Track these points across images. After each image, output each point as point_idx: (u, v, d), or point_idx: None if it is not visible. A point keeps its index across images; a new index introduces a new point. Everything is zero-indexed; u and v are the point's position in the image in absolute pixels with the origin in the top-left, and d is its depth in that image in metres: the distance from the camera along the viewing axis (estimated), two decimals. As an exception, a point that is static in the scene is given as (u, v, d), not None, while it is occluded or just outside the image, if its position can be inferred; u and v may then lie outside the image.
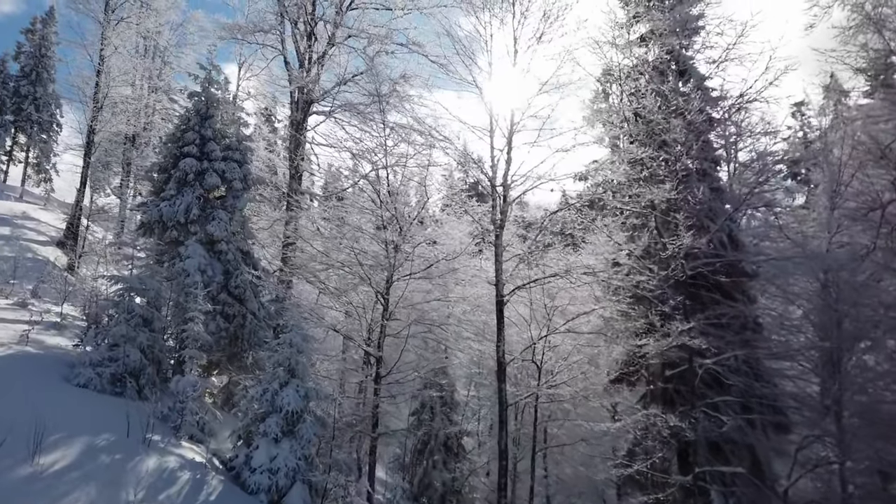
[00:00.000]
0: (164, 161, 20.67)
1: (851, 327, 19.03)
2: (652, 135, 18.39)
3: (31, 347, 15.41)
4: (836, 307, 18.94)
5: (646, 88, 19.27)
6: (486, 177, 17.77)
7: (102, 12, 30.27)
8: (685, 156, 17.65)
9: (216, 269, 19.21)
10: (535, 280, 16.97)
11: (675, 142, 17.22)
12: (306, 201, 23.62)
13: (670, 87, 19.10)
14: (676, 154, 17.16)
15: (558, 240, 18.94)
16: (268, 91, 31.45)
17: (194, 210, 19.45)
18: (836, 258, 18.52)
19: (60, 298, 22.31)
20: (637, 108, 18.43)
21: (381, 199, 17.96)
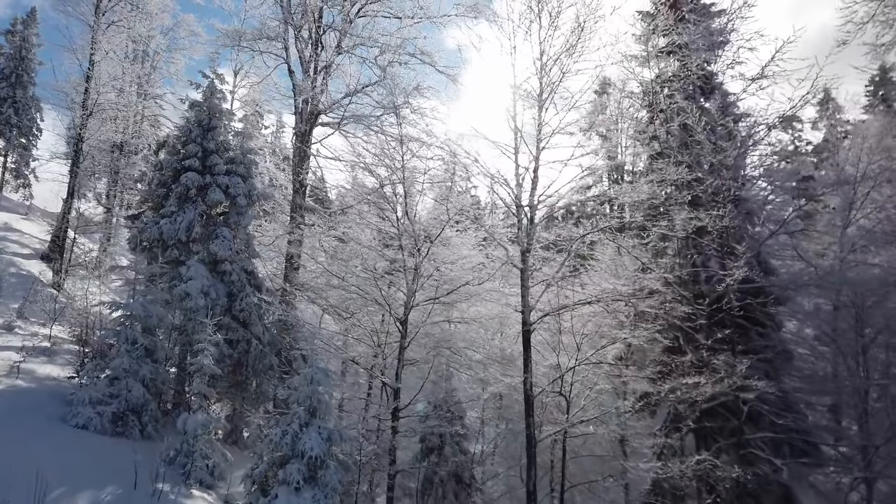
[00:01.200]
0: (163, 175, 19.44)
1: (881, 354, 18.43)
2: (678, 154, 17.55)
3: (21, 381, 14.17)
4: (861, 333, 18.32)
5: (668, 105, 18.50)
6: (512, 196, 16.80)
7: (92, 15, 28.89)
8: (717, 176, 16.83)
9: (219, 291, 18.01)
10: (563, 307, 16.01)
11: (701, 162, 16.40)
12: (311, 217, 22.42)
13: (696, 104, 18.36)
14: (704, 174, 16.32)
15: (578, 262, 18.01)
16: (266, 99, 30.15)
17: (196, 228, 18.27)
18: (864, 281, 17.86)
19: (48, 319, 20.96)
20: (666, 127, 17.57)
21: (398, 218, 16.87)
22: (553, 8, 16.99)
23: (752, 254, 16.85)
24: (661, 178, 16.36)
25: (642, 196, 16.17)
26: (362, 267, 17.54)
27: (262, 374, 18.26)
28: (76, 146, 28.38)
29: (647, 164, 17.84)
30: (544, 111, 16.75)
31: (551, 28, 16.54)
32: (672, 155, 17.09)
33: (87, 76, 28.55)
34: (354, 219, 21.08)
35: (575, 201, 16.56)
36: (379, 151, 18.23)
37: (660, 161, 17.69)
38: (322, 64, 22.97)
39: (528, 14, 17.38)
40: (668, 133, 17.69)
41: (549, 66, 16.83)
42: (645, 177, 16.69)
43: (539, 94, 16.99)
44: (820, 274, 18.04)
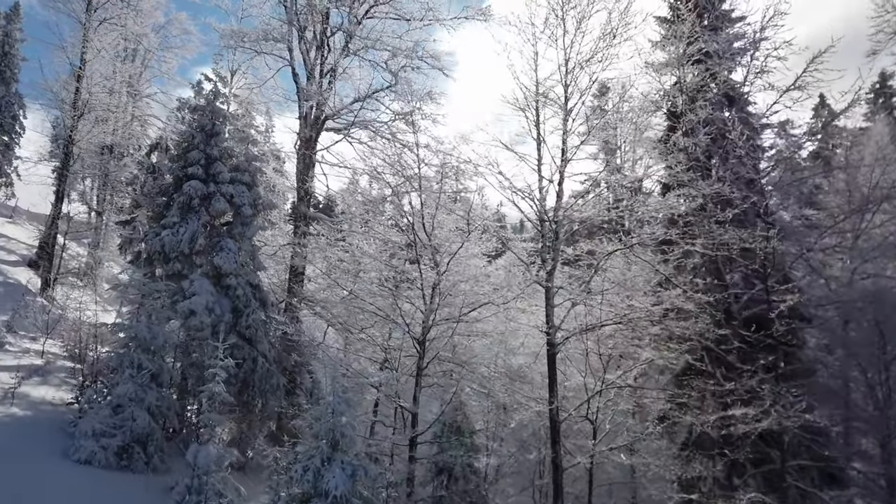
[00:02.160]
0: (163, 181, 18.45)
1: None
2: (710, 168, 16.86)
3: (17, 408, 13.17)
4: (884, 349, 17.72)
5: (694, 115, 17.79)
6: (536, 211, 16.00)
7: (84, 12, 27.74)
8: (756, 193, 16.12)
9: (224, 307, 17.05)
10: (591, 326, 15.23)
11: (741, 178, 15.68)
12: (317, 226, 21.52)
13: (718, 115, 17.69)
14: (743, 190, 15.60)
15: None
16: (263, 101, 29.08)
17: (200, 240, 17.30)
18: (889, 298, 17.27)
19: (40, 331, 19.94)
20: (696, 140, 16.83)
21: (415, 231, 16.02)
22: (579, 13, 16.26)
23: (782, 273, 16.21)
24: (694, 193, 15.61)
25: (673, 211, 15.44)
26: (378, 283, 16.60)
27: (269, 393, 17.31)
28: (66, 148, 27.21)
29: (667, 176, 16.93)
30: (571, 120, 16.01)
31: (578, 34, 15.75)
32: (703, 168, 16.37)
33: (78, 75, 27.38)
34: (364, 230, 20.27)
35: (604, 216, 15.69)
36: (393, 160, 17.32)
37: (677, 172, 16.95)
38: (328, 67, 22.03)
39: (552, 18, 16.66)
40: (696, 145, 16.97)
41: (577, 74, 16.10)
42: (674, 190, 15.89)
43: (564, 102, 16.24)
44: (840, 289, 17.46)
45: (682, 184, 15.64)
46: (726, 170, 15.93)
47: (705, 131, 17.72)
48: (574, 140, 16.10)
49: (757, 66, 18.01)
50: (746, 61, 18.36)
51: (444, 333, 16.39)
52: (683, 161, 16.37)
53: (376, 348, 19.27)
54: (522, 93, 16.70)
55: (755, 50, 16.97)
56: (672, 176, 16.20)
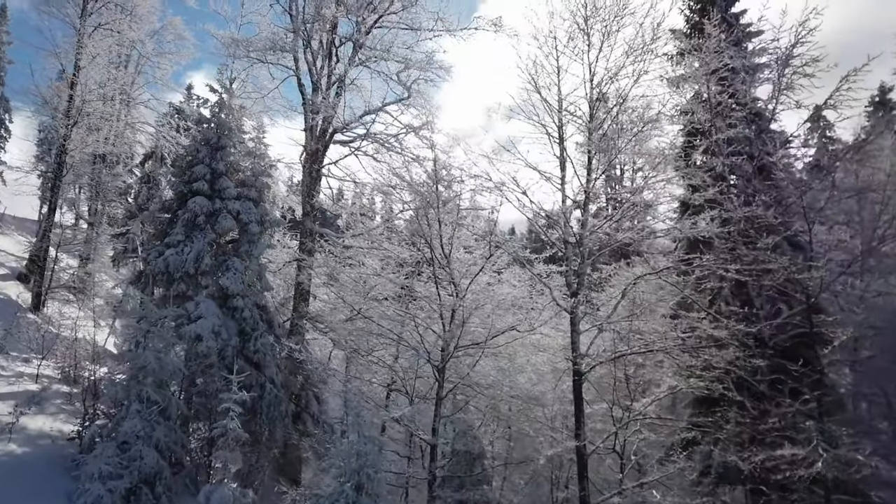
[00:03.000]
0: (167, 198, 17.64)
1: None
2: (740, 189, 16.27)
3: (14, 443, 12.30)
4: None
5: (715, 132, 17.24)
6: (560, 232, 15.34)
7: (78, 17, 26.79)
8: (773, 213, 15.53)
9: (231, 330, 16.25)
10: (620, 354, 14.55)
11: (782, 201, 15.10)
12: (323, 243, 20.77)
13: (744, 133, 17.16)
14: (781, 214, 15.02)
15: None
16: (262, 110, 28.28)
17: (206, 259, 16.48)
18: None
19: (32, 352, 18.99)
20: (727, 160, 16.26)
21: (434, 252, 15.32)
22: (605, 27, 15.69)
23: (815, 298, 15.61)
24: (727, 216, 15.00)
25: (704, 234, 14.82)
26: (395, 306, 15.86)
27: (277, 421, 16.49)
28: (59, 158, 26.19)
29: (690, 196, 16.28)
30: (598, 137, 15.40)
31: (606, 47, 15.17)
32: (734, 189, 15.79)
33: (72, 82, 26.42)
34: (375, 248, 19.56)
35: (632, 237, 15.05)
36: (407, 175, 16.63)
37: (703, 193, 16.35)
38: (336, 78, 21.29)
39: (576, 32, 16.09)
40: (726, 166, 16.39)
41: (603, 89, 15.51)
42: (704, 212, 15.23)
43: (589, 118, 15.65)
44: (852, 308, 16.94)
45: (712, 205, 14.99)
46: (760, 191, 15.38)
47: (730, 149, 17.20)
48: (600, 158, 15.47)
49: (783, 83, 17.52)
50: (773, 78, 17.87)
51: (462, 359, 15.71)
52: (709, 181, 15.78)
53: (384, 371, 18.62)
54: (546, 109, 16.18)
55: (785, 67, 16.44)
56: (698, 196, 15.60)
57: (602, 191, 35.91)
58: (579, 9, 16.09)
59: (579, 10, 16.07)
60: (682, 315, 15.64)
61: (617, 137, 14.84)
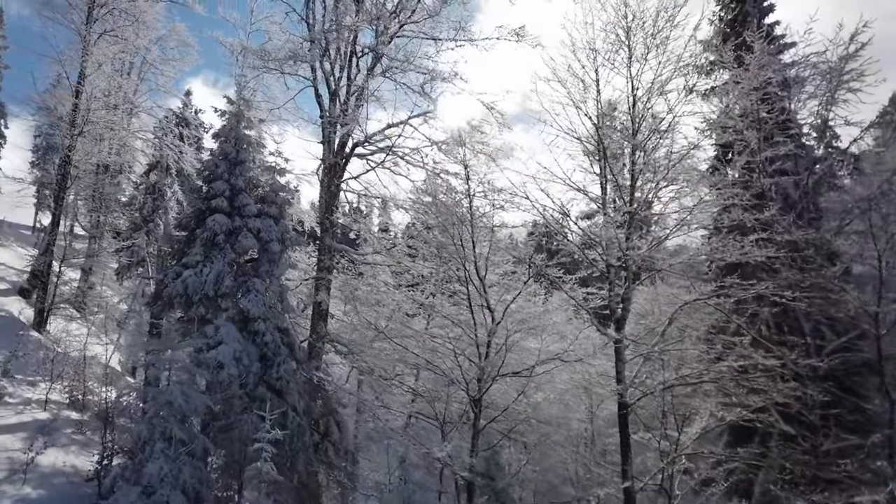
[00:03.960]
0: (185, 217, 16.78)
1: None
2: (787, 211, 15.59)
3: (29, 485, 11.45)
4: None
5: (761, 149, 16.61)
6: (601, 253, 14.58)
7: (84, 24, 25.93)
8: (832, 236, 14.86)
9: (252, 356, 15.38)
10: (670, 384, 13.76)
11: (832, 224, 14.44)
12: (342, 260, 20.00)
13: (789, 150, 16.54)
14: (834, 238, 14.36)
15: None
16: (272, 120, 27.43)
17: (227, 281, 15.63)
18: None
19: (39, 374, 18.14)
20: (771, 180, 15.59)
21: (468, 275, 14.55)
22: (649, 39, 14.98)
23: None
24: (770, 237, 14.26)
25: (750, 258, 14.07)
26: (427, 334, 15.07)
27: (300, 452, 15.63)
28: (63, 169, 25.28)
29: (728, 217, 15.50)
30: (642, 154, 14.65)
31: (656, 57, 14.44)
32: (781, 211, 15.09)
33: (77, 91, 25.54)
34: (396, 265, 18.80)
35: (684, 260, 14.28)
36: (435, 191, 15.88)
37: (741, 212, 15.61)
38: (355, 88, 20.50)
39: (616, 42, 15.38)
40: (772, 187, 15.71)
41: (650, 102, 14.79)
42: (752, 234, 14.46)
43: (632, 134, 14.91)
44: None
45: (765, 226, 14.25)
46: (810, 213, 14.70)
47: (775, 167, 16.54)
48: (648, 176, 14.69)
49: (833, 99, 16.91)
50: (818, 93, 17.25)
51: (498, 388, 14.95)
52: (749, 199, 15.01)
53: (406, 395, 17.88)
54: (584, 124, 15.48)
55: (837, 83, 15.80)
56: (744, 216, 14.87)
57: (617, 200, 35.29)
58: (620, 19, 15.40)
59: (620, 20, 15.37)
60: (728, 342, 14.95)
61: (668, 160, 13.99)
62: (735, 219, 14.59)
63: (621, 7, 15.22)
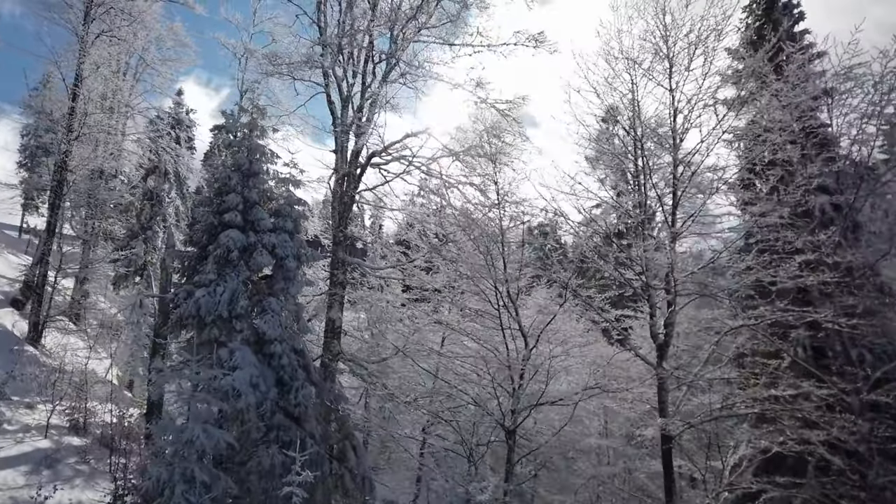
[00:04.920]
0: (195, 232, 15.82)
1: None
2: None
3: (36, 532, 10.49)
4: None
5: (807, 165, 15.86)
6: (640, 273, 13.83)
7: (81, 24, 24.87)
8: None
9: (268, 381, 14.47)
10: (716, 416, 13.01)
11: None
12: (355, 275, 19.14)
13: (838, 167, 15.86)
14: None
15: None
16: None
17: (242, 301, 14.72)
18: None
19: (36, 394, 17.18)
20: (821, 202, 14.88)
21: (501, 299, 13.74)
22: (691, 46, 14.28)
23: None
24: (818, 261, 13.56)
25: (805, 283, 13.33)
26: (452, 354, 14.25)
27: (318, 483, 14.73)
28: (59, 175, 24.20)
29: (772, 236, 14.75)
30: (685, 170, 13.91)
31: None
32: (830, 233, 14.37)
33: (74, 93, 24.49)
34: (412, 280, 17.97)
35: (736, 283, 13.50)
36: (464, 209, 15.07)
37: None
38: (370, 95, 19.62)
39: (655, 52, 14.69)
40: (819, 206, 15.01)
41: (690, 116, 14.08)
42: (797, 256, 13.73)
43: (673, 147, 14.17)
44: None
45: (815, 247, 13.52)
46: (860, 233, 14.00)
47: (816, 185, 15.87)
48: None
49: (879, 112, 16.20)
50: (862, 105, 16.52)
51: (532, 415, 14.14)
52: (787, 219, 14.30)
53: (425, 416, 17.07)
54: (620, 139, 14.74)
55: (887, 95, 15.09)
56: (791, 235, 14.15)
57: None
58: (657, 27, 14.70)
59: (657, 27, 14.67)
60: (770, 368, 14.25)
61: (715, 175, 13.25)
62: (778, 238, 13.87)
63: (660, 15, 14.54)
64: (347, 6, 19.87)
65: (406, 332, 16.90)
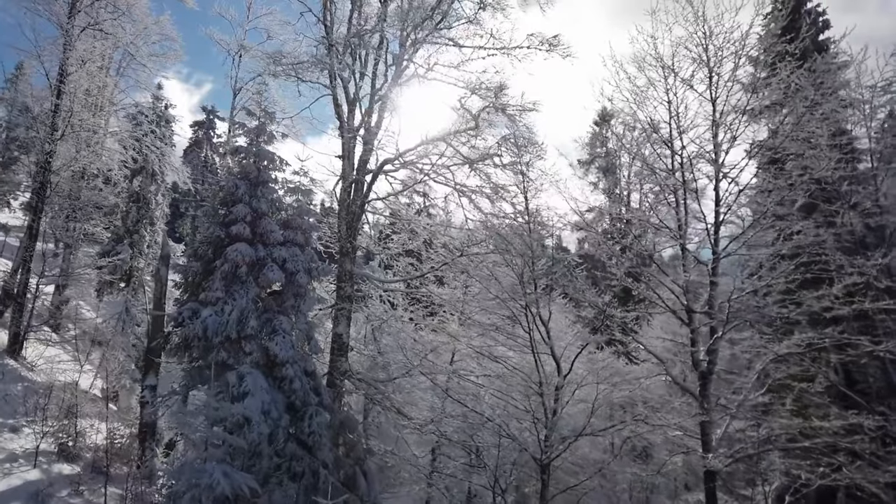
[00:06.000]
0: (199, 244, 14.71)
1: None
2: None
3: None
4: None
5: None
6: (681, 298, 13.04)
7: (67, 17, 23.47)
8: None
9: (279, 407, 13.46)
10: (765, 448, 12.26)
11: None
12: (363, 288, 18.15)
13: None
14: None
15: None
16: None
17: (252, 321, 13.68)
18: None
19: (20, 415, 15.95)
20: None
21: (533, 324, 12.87)
22: (732, 55, 13.56)
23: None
24: (866, 284, 12.88)
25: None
26: (495, 390, 13.34)
27: (334, 514, 13.76)
28: (42, 176, 22.76)
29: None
30: (731, 185, 13.14)
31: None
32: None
33: (59, 90, 23.08)
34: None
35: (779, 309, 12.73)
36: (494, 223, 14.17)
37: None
38: (379, 98, 18.63)
39: (694, 60, 13.94)
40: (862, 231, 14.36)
41: (733, 126, 13.34)
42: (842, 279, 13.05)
43: (714, 159, 13.39)
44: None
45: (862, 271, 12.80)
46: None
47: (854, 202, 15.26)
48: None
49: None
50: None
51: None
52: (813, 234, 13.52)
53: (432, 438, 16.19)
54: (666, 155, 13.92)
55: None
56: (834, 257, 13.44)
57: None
58: (694, 35, 13.94)
59: (695, 35, 13.91)
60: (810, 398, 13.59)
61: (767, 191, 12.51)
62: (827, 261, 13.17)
63: (700, 23, 13.78)
64: (357, 4, 18.86)
65: (420, 350, 15.86)
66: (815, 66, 14.84)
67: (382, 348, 18.02)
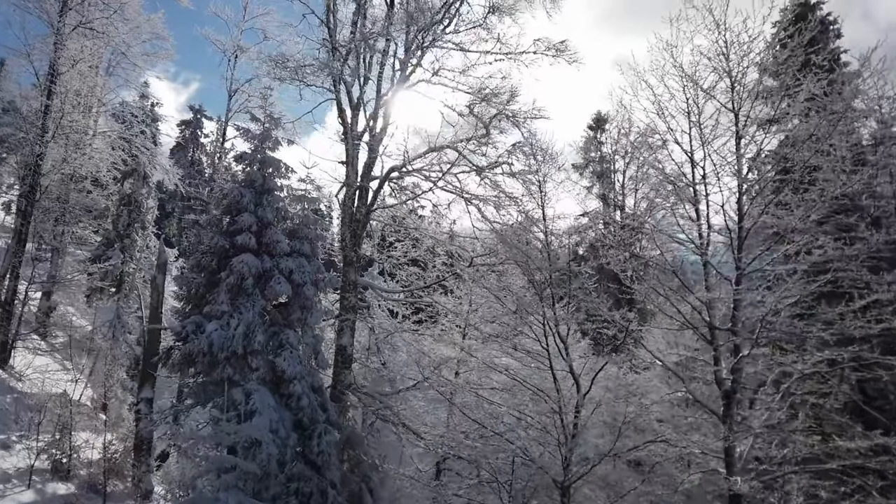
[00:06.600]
0: (203, 256, 14.13)
1: None
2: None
3: None
4: None
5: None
6: (702, 313, 12.68)
7: (57, 14, 22.74)
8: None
9: (287, 425, 12.96)
10: (793, 470, 11.91)
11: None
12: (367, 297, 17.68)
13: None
14: None
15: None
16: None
17: (259, 336, 13.14)
18: None
19: (11, 431, 15.32)
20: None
21: (551, 338, 12.46)
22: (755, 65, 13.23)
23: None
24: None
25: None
26: (508, 408, 12.90)
27: (342, 536, 13.30)
28: (32, 179, 22.01)
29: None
30: (751, 204, 12.77)
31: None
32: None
33: (49, 91, 22.35)
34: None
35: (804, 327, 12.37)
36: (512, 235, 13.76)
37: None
38: (384, 103, 18.17)
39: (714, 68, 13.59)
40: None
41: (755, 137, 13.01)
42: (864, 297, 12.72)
43: (738, 171, 13.03)
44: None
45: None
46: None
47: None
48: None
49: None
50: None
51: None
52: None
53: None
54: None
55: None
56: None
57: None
58: (716, 43, 13.59)
59: (717, 44, 13.56)
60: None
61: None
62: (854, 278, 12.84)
63: (722, 31, 13.42)
64: (362, 7, 18.36)
65: (429, 362, 15.41)
66: (836, 77, 14.62)
67: (387, 360, 17.49)
